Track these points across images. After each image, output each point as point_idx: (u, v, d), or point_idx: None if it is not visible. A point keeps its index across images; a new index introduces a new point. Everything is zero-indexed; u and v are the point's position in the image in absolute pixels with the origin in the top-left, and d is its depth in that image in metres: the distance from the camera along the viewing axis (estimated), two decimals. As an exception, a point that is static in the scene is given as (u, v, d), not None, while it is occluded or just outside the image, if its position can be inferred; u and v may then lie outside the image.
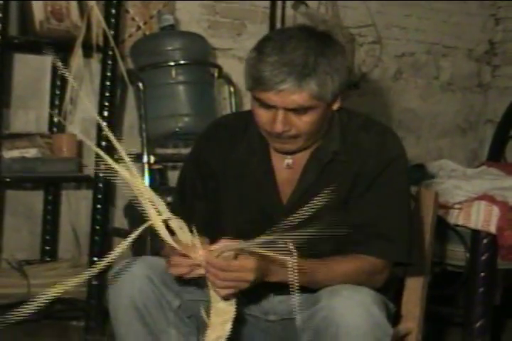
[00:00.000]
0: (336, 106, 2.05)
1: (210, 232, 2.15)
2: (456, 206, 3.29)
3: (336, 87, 1.98)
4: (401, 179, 2.10)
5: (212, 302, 1.88)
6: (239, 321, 2.11)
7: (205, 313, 1.89)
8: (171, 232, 1.85)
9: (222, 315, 1.88)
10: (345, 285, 1.92)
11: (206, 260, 1.83)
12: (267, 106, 1.98)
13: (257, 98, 1.99)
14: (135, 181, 1.78)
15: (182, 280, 1.97)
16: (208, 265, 1.83)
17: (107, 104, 3.43)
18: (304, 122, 1.98)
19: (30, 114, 3.68)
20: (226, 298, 1.87)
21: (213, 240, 2.09)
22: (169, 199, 3.40)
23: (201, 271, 1.86)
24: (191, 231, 1.85)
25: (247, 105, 3.74)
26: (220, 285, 1.84)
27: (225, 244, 1.83)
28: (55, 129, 3.66)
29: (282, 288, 2.04)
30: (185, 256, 1.85)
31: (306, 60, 1.92)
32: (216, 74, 3.72)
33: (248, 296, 2.10)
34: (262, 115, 2.01)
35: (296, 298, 2.07)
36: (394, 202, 2.08)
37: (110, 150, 3.43)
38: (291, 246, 1.81)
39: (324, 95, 1.96)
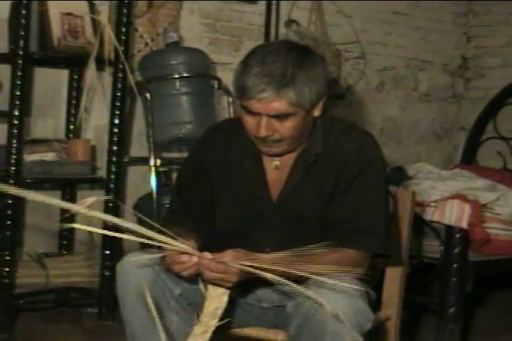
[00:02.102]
0: (317, 113, 2.04)
1: (206, 228, 2.14)
2: (432, 204, 3.29)
3: (314, 95, 1.97)
4: (378, 178, 2.09)
5: None
6: (235, 307, 2.11)
7: (203, 286, 1.88)
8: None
9: (219, 288, 1.87)
10: (330, 275, 1.91)
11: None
12: (252, 113, 1.98)
13: (243, 105, 1.99)
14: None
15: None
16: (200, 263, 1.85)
17: (117, 112, 3.41)
18: (285, 127, 1.98)
19: (48, 121, 3.68)
20: None
21: (208, 235, 2.08)
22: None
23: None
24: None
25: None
26: (207, 279, 1.86)
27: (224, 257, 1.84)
28: (71, 135, 3.64)
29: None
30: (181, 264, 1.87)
31: (284, 71, 1.92)
32: (216, 86, 3.71)
33: (244, 285, 2.10)
34: (248, 121, 2.01)
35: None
36: (372, 199, 2.06)
37: (120, 153, 3.45)
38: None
39: (302, 103, 1.95)
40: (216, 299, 1.86)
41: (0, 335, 3.11)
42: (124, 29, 3.39)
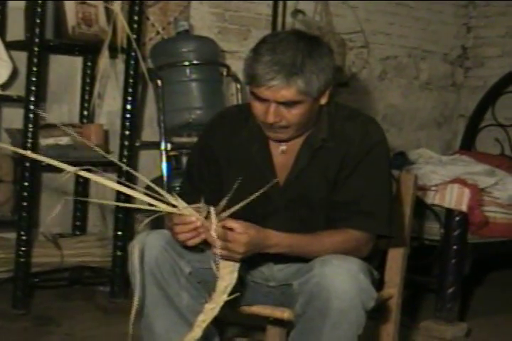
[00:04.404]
0: (323, 101, 2.02)
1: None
2: (433, 188, 3.27)
3: (322, 84, 1.95)
4: (382, 162, 2.07)
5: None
6: (243, 286, 2.10)
7: (214, 267, 1.87)
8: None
9: (228, 266, 1.87)
10: (335, 255, 1.90)
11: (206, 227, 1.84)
12: (261, 100, 1.96)
13: (253, 92, 1.97)
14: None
15: (187, 247, 1.96)
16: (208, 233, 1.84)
17: (129, 98, 3.40)
18: (292, 114, 1.96)
19: (63, 107, 3.67)
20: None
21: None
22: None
23: (201, 237, 1.86)
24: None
25: (252, 100, 3.72)
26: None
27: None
28: (84, 120, 3.64)
29: (281, 258, 2.03)
30: (184, 225, 1.86)
31: (294, 61, 1.90)
32: (225, 73, 3.69)
33: (251, 265, 2.09)
34: (257, 107, 1.99)
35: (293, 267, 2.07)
36: (376, 183, 2.04)
37: (132, 138, 3.44)
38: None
39: (310, 91, 1.93)
40: (227, 276, 1.85)
41: (17, 311, 3.13)
42: (136, 18, 3.38)
